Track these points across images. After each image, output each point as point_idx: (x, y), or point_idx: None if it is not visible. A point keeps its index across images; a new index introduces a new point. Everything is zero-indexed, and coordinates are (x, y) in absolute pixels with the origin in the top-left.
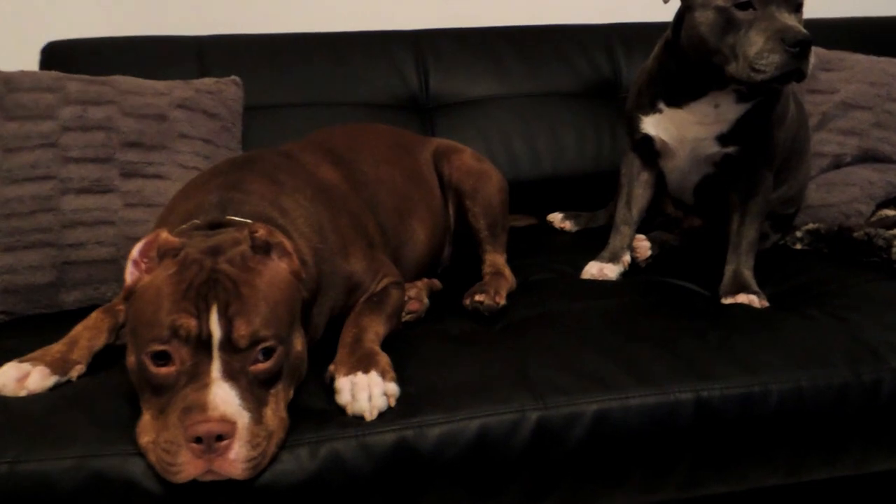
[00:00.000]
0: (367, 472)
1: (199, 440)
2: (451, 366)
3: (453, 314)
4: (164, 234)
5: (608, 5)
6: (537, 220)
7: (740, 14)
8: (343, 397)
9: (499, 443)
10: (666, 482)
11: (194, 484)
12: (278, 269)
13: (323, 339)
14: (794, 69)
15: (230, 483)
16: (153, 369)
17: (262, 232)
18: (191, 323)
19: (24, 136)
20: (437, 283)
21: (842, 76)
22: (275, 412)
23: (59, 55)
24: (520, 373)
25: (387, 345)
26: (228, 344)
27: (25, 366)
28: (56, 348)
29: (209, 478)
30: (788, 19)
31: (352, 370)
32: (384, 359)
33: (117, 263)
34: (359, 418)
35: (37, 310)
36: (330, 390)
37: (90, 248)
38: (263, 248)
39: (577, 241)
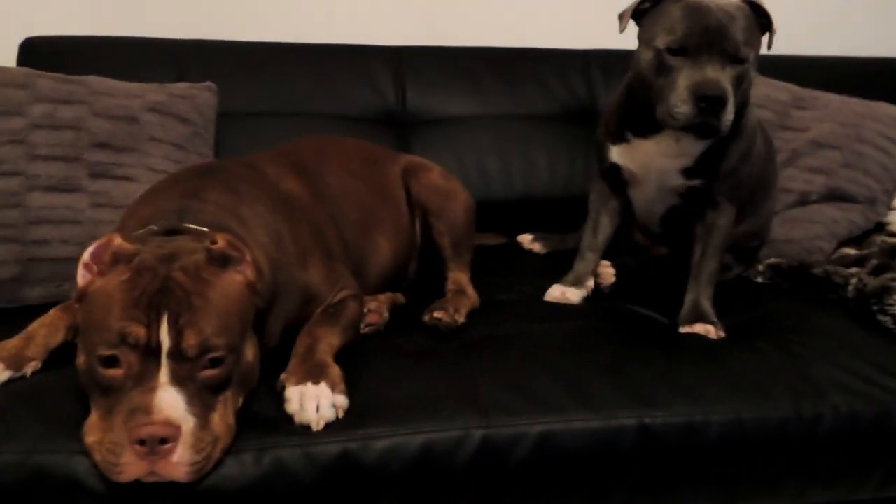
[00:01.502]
0: (310, 481)
1: (142, 442)
2: (402, 381)
3: (412, 329)
4: (118, 239)
5: (587, 31)
6: (507, 240)
7: (672, 59)
8: (292, 406)
9: (443, 459)
10: (606, 503)
11: (137, 484)
12: (232, 279)
13: (278, 347)
14: (703, 122)
15: (173, 485)
16: (101, 371)
17: (219, 243)
18: (140, 331)
19: None
20: (400, 297)
21: (814, 115)
22: (222, 418)
23: (37, 52)
24: (468, 391)
25: (341, 357)
26: (177, 352)
27: None
28: (12, 343)
29: (152, 479)
30: (712, 72)
31: (302, 380)
32: (335, 370)
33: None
34: (306, 428)
35: None
36: (280, 398)
37: (55, 246)
38: (219, 259)
39: (545, 264)
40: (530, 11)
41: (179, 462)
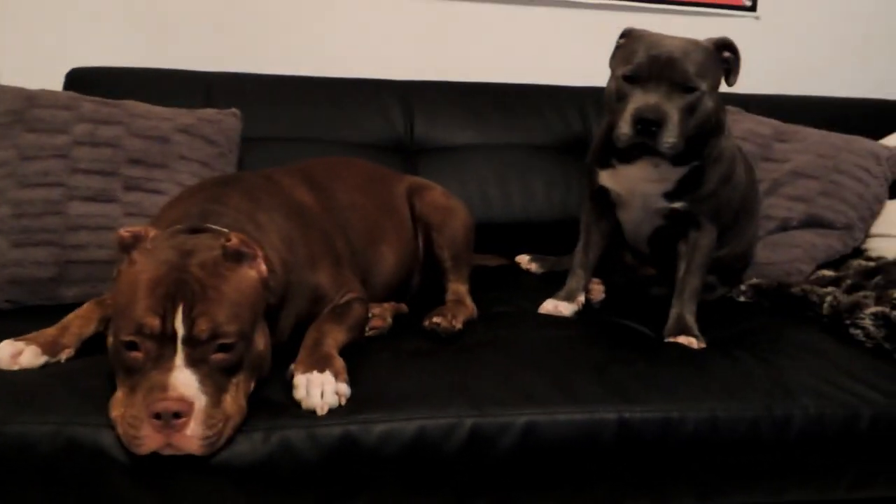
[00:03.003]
0: (314, 459)
1: (158, 416)
2: (400, 374)
3: (413, 334)
4: (153, 232)
5: (582, 70)
6: (507, 261)
7: (626, 86)
8: (299, 392)
9: (435, 444)
10: (588, 495)
11: (157, 456)
12: (246, 274)
13: (289, 342)
14: (642, 143)
15: (189, 458)
16: (125, 353)
17: (234, 241)
18: (154, 323)
19: (39, 147)
20: (403, 306)
21: (794, 147)
22: (234, 399)
23: (81, 80)
24: (461, 384)
25: (346, 353)
26: (191, 338)
27: (20, 344)
28: (49, 332)
29: (168, 451)
30: (655, 98)
31: (309, 369)
32: (339, 362)
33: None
34: (311, 412)
35: (38, 301)
36: (290, 386)
37: (91, 250)
38: (234, 256)
39: (541, 282)
40: (530, 51)
41: (192, 436)
